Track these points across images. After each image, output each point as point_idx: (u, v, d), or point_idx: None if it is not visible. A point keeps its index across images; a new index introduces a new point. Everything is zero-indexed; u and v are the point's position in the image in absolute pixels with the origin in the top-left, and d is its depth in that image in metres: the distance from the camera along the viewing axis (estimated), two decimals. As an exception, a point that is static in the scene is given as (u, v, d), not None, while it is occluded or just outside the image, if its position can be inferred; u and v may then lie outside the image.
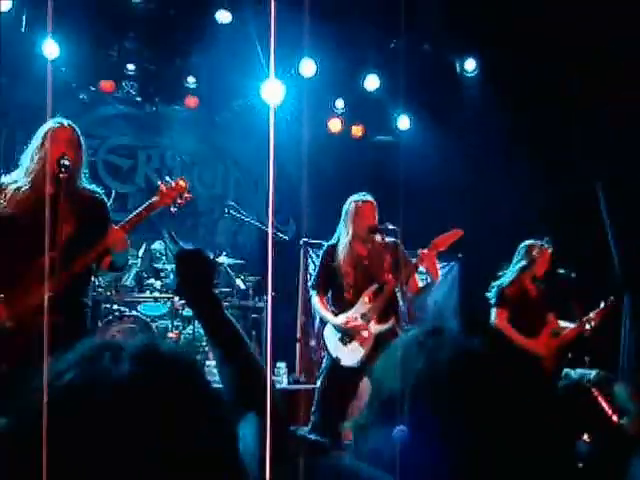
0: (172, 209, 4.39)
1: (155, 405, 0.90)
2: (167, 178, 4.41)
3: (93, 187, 4.47)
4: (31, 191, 4.13)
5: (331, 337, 5.34)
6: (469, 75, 8.80)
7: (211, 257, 1.96)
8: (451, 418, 1.06)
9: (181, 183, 4.34)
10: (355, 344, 5.29)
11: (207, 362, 6.34)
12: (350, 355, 5.25)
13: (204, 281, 1.85)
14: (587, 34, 6.85)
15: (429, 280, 5.49)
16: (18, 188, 4.19)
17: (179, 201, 4.36)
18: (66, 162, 4.05)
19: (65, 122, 4.26)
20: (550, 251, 6.16)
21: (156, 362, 0.97)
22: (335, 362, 5.30)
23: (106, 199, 4.53)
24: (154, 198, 4.31)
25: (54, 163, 4.08)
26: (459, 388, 1.08)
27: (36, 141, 4.22)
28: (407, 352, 1.15)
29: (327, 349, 5.40)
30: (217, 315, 1.79)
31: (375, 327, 5.27)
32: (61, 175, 4.03)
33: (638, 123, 7.11)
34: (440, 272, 5.42)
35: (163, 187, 4.33)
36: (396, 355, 1.16)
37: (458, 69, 8.81)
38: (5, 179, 4.32)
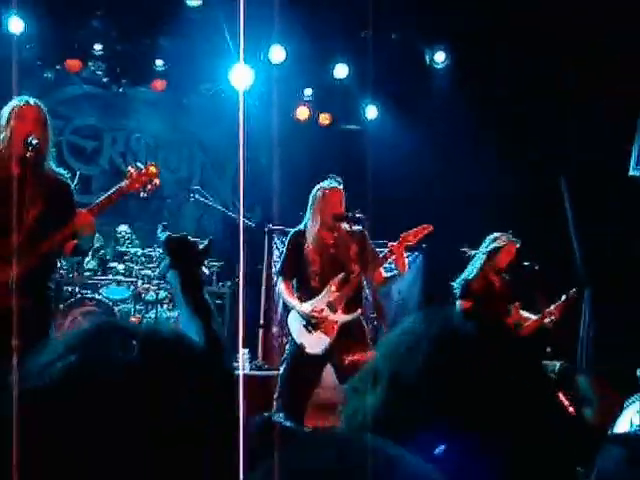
0: (141, 194, 4.33)
1: (162, 391, 0.89)
2: (138, 164, 4.34)
3: (60, 170, 4.41)
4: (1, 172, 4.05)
5: (295, 324, 5.33)
6: (438, 66, 8.81)
7: (204, 244, 2.15)
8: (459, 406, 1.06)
9: (152, 169, 4.28)
10: (319, 332, 5.29)
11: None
12: (315, 342, 5.25)
13: (192, 265, 2.02)
14: (581, 28, 6.88)
15: (395, 272, 5.50)
16: None
17: (149, 187, 4.29)
18: (34, 141, 3.97)
19: (31, 100, 4.18)
20: (515, 244, 6.21)
21: (162, 347, 0.96)
22: (299, 348, 5.29)
23: (71, 183, 4.46)
24: (123, 182, 4.24)
25: (21, 142, 4.01)
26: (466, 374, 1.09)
27: (1, 120, 4.13)
28: (411, 338, 1.15)
29: (291, 335, 5.39)
30: (198, 295, 1.95)
31: (341, 316, 5.27)
32: (28, 155, 3.96)
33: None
34: (406, 264, 5.44)
35: (133, 172, 4.25)
36: (401, 341, 1.15)
37: (427, 60, 8.83)
38: None
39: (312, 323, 5.26)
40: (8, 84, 4.62)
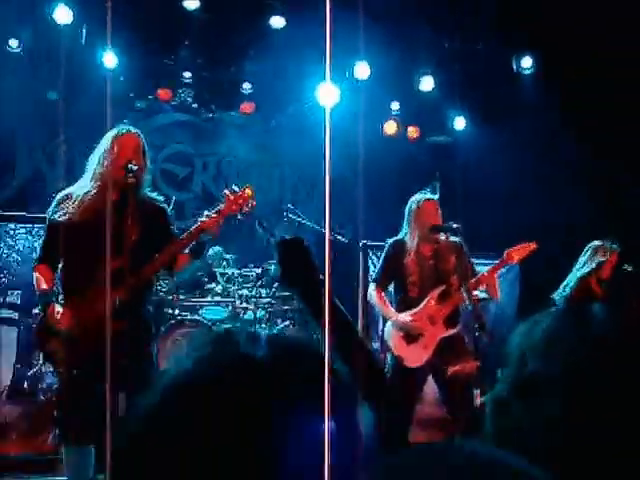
0: (238, 217, 4.40)
1: (295, 388, 0.90)
2: (234, 187, 4.40)
3: (155, 195, 4.52)
4: (98, 195, 4.17)
5: (393, 335, 5.28)
6: (526, 72, 8.66)
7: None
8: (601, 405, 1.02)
9: (247, 191, 4.36)
10: (418, 345, 5.22)
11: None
12: (414, 355, 5.19)
13: (308, 267, 1.84)
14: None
15: (487, 295, 5.37)
16: (86, 192, 4.24)
17: (245, 209, 4.37)
18: (134, 167, 4.10)
19: (132, 129, 4.33)
20: (617, 252, 6.03)
21: (290, 348, 0.97)
22: (398, 361, 5.24)
23: (167, 207, 4.57)
24: (221, 206, 4.33)
25: (121, 168, 4.13)
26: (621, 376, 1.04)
27: (103, 146, 4.27)
28: (556, 330, 1.11)
29: (389, 348, 5.33)
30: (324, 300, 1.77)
31: (441, 331, 5.21)
32: (129, 180, 4.08)
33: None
34: (499, 290, 5.34)
35: (230, 195, 4.33)
36: (543, 331, 1.12)
37: (515, 67, 8.69)
38: (72, 188, 4.38)
39: (411, 334, 5.20)
40: (104, 116, 4.79)
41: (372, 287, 5.46)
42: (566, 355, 1.07)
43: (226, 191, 4.39)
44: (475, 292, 5.35)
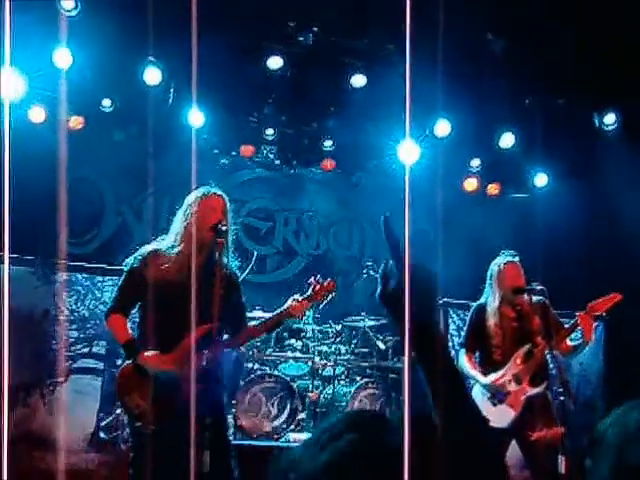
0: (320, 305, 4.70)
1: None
2: (319, 278, 4.63)
3: (231, 261, 4.57)
4: (187, 254, 4.24)
5: (479, 397, 5.28)
6: (608, 129, 8.53)
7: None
8: None
9: (332, 284, 4.63)
10: (505, 406, 5.21)
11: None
12: (500, 416, 5.17)
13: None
14: None
15: (581, 341, 5.33)
16: (176, 252, 4.32)
17: (327, 298, 4.72)
18: (223, 228, 4.20)
19: (218, 190, 4.45)
20: None
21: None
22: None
23: (239, 275, 4.66)
24: (309, 293, 4.55)
25: (211, 229, 4.23)
26: None
27: (189, 206, 4.36)
28: None
29: None
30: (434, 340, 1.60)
31: (527, 389, 5.20)
32: (218, 241, 4.18)
33: None
34: (593, 334, 5.28)
35: (316, 285, 4.56)
36: (637, 421, 1.12)
37: (597, 123, 8.57)
38: (159, 245, 4.46)
39: (497, 396, 5.20)
40: (189, 172, 4.91)
41: (462, 352, 5.52)
42: None
43: (313, 280, 4.61)
44: (568, 342, 5.32)
